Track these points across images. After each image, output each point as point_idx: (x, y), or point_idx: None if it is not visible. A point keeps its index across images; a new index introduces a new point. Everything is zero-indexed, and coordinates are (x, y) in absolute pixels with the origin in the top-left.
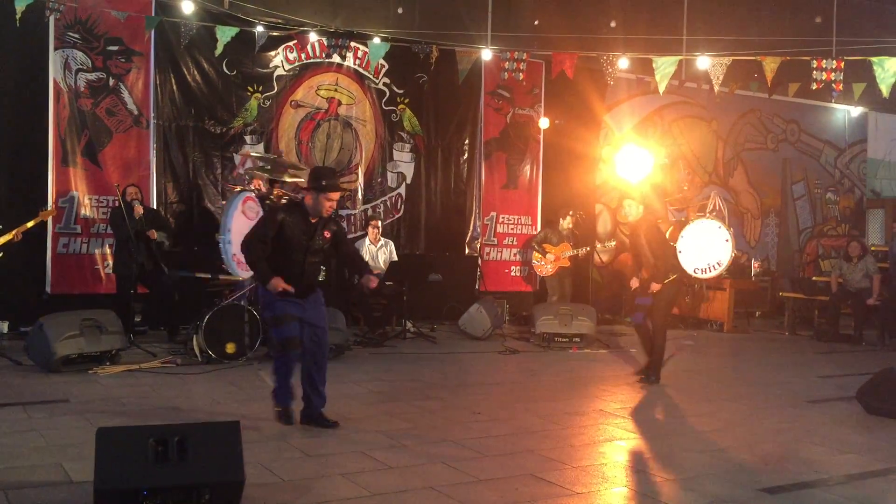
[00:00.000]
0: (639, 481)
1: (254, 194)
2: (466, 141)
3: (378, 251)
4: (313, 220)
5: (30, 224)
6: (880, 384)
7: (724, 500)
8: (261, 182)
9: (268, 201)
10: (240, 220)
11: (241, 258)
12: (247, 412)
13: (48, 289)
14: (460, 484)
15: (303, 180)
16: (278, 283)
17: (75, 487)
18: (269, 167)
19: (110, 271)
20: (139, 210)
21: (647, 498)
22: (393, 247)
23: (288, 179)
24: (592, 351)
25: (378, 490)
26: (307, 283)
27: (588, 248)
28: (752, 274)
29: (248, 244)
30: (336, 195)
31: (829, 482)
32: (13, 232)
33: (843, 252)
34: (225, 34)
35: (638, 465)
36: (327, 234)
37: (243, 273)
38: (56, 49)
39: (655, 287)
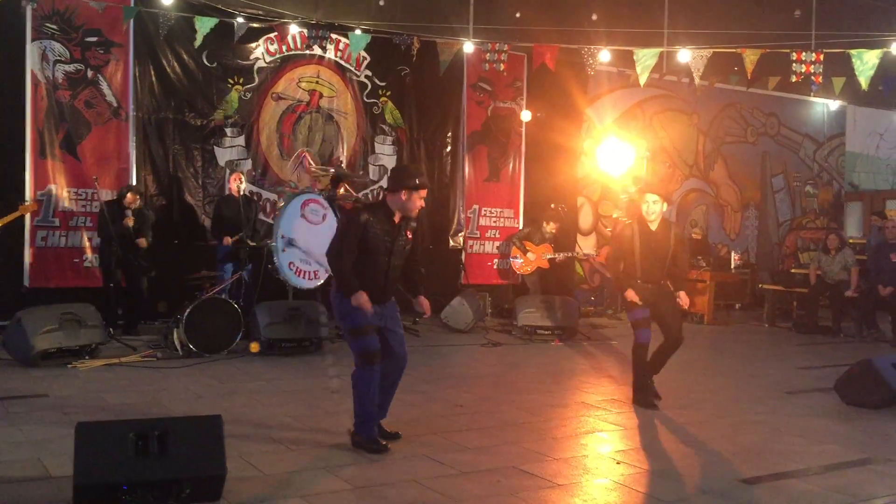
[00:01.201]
0: (620, 473)
1: (318, 196)
2: (449, 134)
3: None
4: (397, 221)
5: (9, 218)
6: (858, 375)
7: (704, 491)
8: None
9: (338, 202)
10: (302, 226)
11: (302, 267)
12: (228, 406)
13: (26, 282)
14: (442, 477)
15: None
16: (362, 300)
17: (55, 482)
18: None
19: (90, 265)
20: (129, 222)
21: (629, 489)
22: None
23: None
24: (574, 343)
25: (360, 483)
26: (389, 287)
27: (568, 254)
28: (732, 266)
29: (338, 253)
30: (424, 192)
31: (807, 472)
32: None
33: (821, 245)
34: (204, 25)
35: (619, 456)
36: (409, 235)
37: (302, 282)
38: (33, 40)
39: (687, 301)
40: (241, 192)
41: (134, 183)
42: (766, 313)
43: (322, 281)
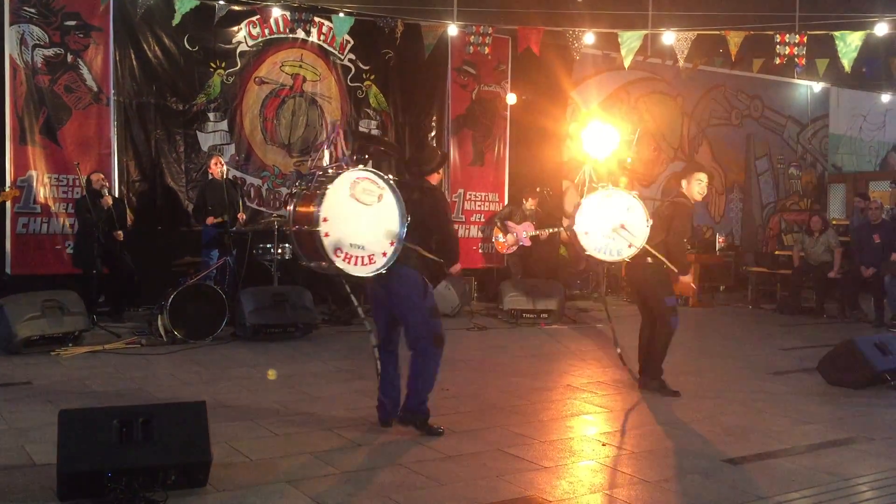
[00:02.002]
0: (606, 455)
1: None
2: (434, 118)
3: None
4: None
5: None
6: (841, 356)
7: (688, 472)
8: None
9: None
10: (349, 207)
11: (349, 251)
12: (214, 392)
13: (8, 270)
14: (428, 460)
15: None
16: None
17: (38, 470)
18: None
19: (72, 251)
20: (108, 201)
21: (614, 471)
22: None
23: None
24: (560, 327)
25: (347, 468)
26: None
27: (553, 229)
28: (717, 249)
29: (456, 238)
30: None
31: (791, 452)
32: None
33: (805, 226)
34: (184, 5)
35: (605, 438)
36: None
37: (355, 270)
38: (11, 24)
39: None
40: (224, 176)
41: (115, 168)
42: (750, 295)
43: (380, 265)
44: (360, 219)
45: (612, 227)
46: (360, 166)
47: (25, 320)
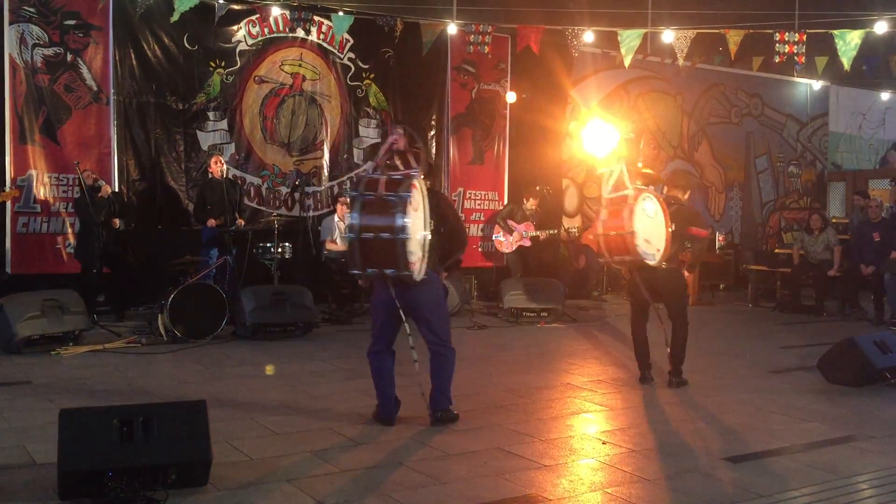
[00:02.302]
0: (606, 453)
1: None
2: (433, 116)
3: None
4: None
5: None
6: (840, 354)
7: (688, 470)
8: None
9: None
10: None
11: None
12: (214, 391)
13: (8, 269)
14: (429, 459)
15: None
16: None
17: (39, 470)
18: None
19: (72, 251)
20: (107, 189)
21: (614, 469)
22: None
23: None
24: (560, 325)
25: (348, 466)
26: None
27: (553, 231)
28: (717, 247)
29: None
30: None
31: (790, 450)
32: None
33: (804, 225)
34: (183, 3)
35: (605, 436)
36: None
37: (413, 274)
38: (11, 24)
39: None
40: (224, 175)
41: (115, 167)
42: (749, 293)
43: (420, 270)
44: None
45: (646, 234)
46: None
47: (25, 320)
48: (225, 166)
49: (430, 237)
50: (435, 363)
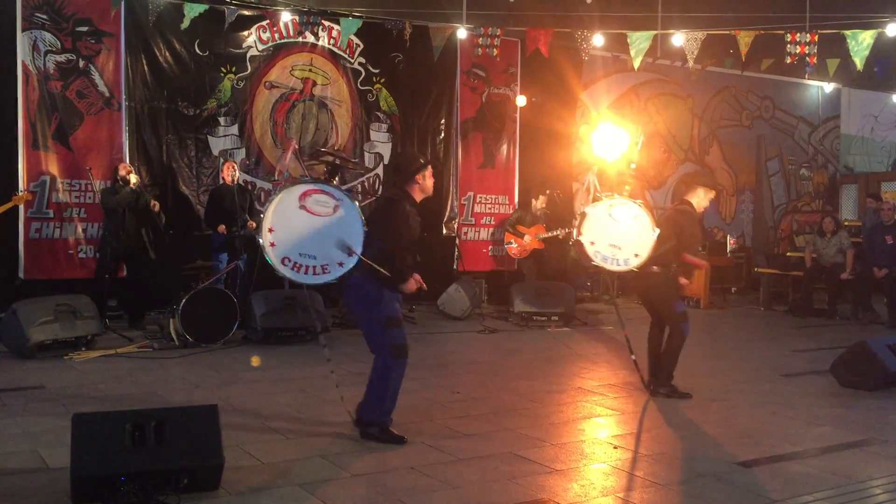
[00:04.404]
0: (618, 458)
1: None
2: (443, 120)
3: None
4: (415, 205)
5: (2, 209)
6: (853, 358)
7: (700, 475)
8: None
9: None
10: (300, 217)
11: (298, 261)
12: (225, 395)
13: (21, 274)
14: (440, 463)
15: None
16: (415, 282)
17: (52, 474)
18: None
19: (84, 255)
20: (134, 177)
21: (626, 473)
22: None
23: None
24: (570, 329)
25: (358, 471)
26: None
27: (566, 230)
28: (728, 250)
29: (398, 240)
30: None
31: (804, 455)
32: None
33: (817, 227)
34: (193, 10)
35: (616, 441)
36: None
37: (305, 278)
38: (24, 30)
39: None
40: (235, 181)
41: None
42: (761, 297)
43: (335, 275)
44: (311, 229)
45: (612, 240)
46: (308, 178)
47: (38, 324)
48: (237, 173)
49: (351, 242)
50: (371, 372)
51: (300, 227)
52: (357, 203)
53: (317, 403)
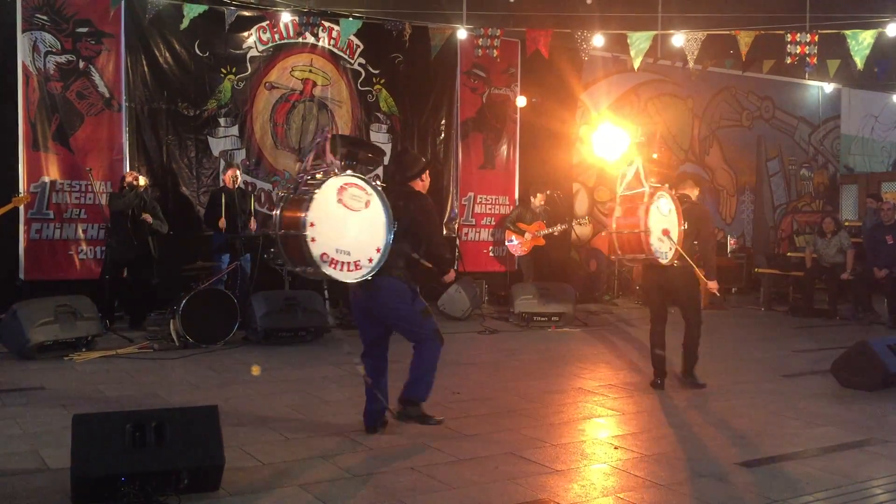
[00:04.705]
0: (618, 458)
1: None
2: (443, 121)
3: None
4: None
5: (2, 210)
6: (854, 358)
7: (701, 475)
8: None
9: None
10: (337, 212)
11: (335, 257)
12: (226, 396)
13: (21, 275)
14: (440, 464)
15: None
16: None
17: (52, 475)
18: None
19: (84, 256)
20: (141, 180)
21: (627, 474)
22: None
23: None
24: (571, 329)
25: (358, 471)
26: None
27: (564, 226)
28: (729, 251)
29: (441, 235)
30: None
31: (804, 455)
32: None
33: (817, 228)
34: (193, 10)
35: (617, 441)
36: None
37: (341, 275)
38: (24, 31)
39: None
40: (236, 185)
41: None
42: (762, 297)
43: (365, 272)
44: (347, 224)
45: (660, 232)
46: (349, 172)
47: (39, 325)
48: (240, 178)
49: (383, 237)
50: (413, 356)
51: (337, 221)
52: (385, 200)
53: (317, 404)
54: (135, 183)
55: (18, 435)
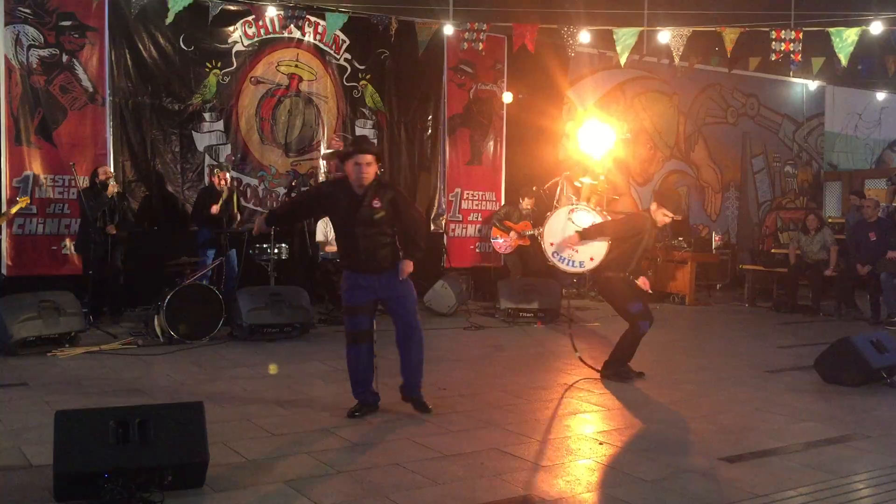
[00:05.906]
0: (603, 453)
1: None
2: (430, 117)
3: None
4: (359, 192)
5: (13, 210)
6: (837, 354)
7: (685, 470)
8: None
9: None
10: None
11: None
12: (210, 392)
13: (4, 271)
14: (426, 460)
15: None
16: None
17: (35, 471)
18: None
19: (68, 252)
20: (113, 188)
21: (612, 469)
22: None
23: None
24: (556, 326)
25: (344, 468)
26: (371, 257)
27: (540, 229)
28: (713, 247)
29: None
30: (364, 157)
31: (787, 450)
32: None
33: (801, 224)
34: (177, 3)
35: (602, 437)
36: (377, 204)
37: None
38: (6, 25)
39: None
40: (223, 186)
41: (111, 168)
42: (746, 293)
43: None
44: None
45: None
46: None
47: (21, 321)
48: (229, 180)
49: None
50: (409, 351)
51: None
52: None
53: (303, 400)
54: (107, 182)
55: (0, 431)
